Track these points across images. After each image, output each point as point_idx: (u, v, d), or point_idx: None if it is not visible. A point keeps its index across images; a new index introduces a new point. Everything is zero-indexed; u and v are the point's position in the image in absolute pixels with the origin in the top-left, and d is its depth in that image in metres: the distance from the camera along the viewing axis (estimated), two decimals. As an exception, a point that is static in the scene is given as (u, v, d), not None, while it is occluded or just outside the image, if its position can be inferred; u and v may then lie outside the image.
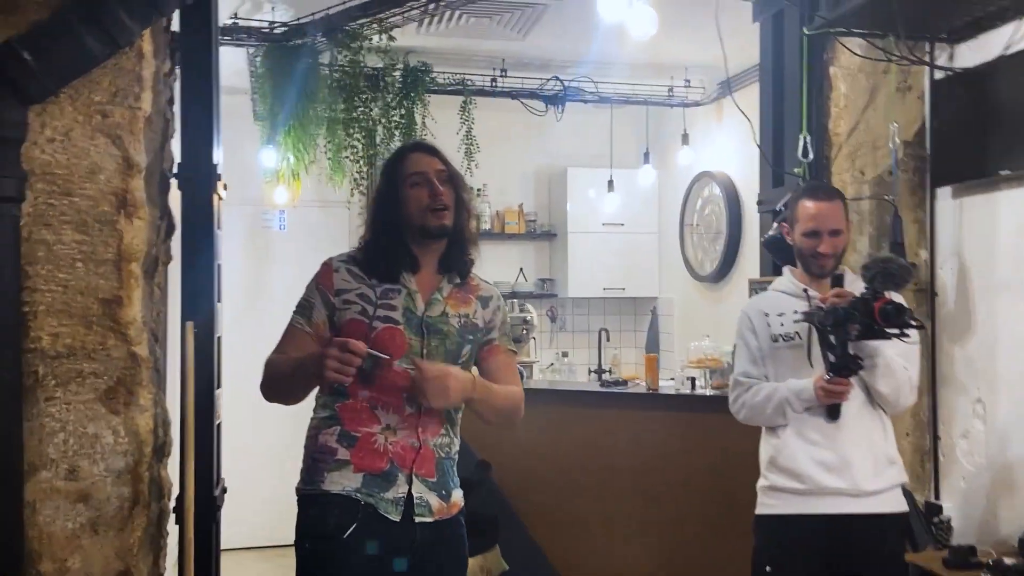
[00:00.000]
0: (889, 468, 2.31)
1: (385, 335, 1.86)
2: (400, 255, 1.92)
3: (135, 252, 2.08)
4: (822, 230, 2.32)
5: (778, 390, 2.33)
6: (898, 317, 2.06)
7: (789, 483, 2.31)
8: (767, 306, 2.44)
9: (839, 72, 3.10)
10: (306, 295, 1.94)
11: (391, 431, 1.86)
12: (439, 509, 1.89)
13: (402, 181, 1.93)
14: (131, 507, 2.06)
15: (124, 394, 2.06)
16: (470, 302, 1.99)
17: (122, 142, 2.07)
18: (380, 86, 3.96)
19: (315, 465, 1.87)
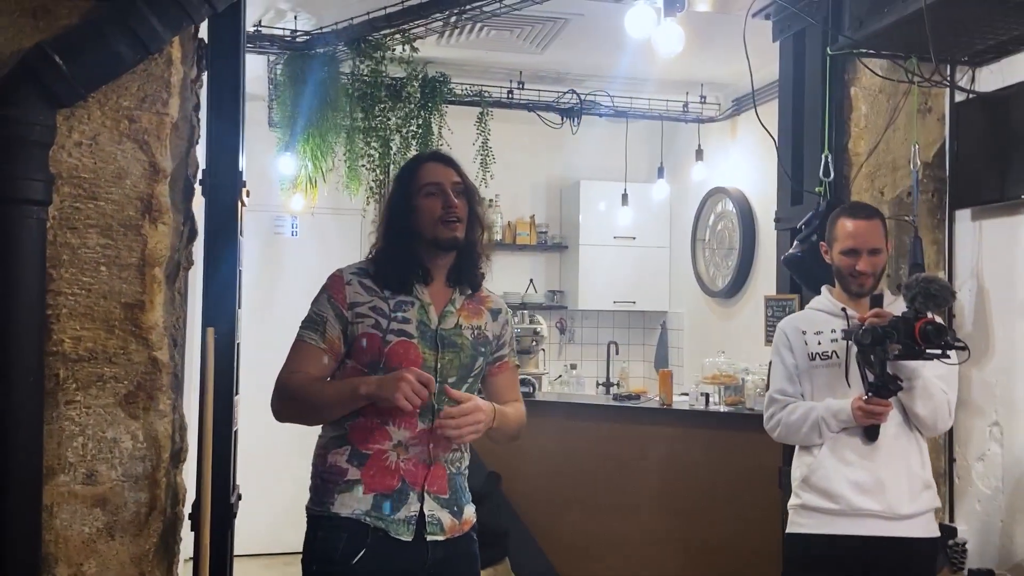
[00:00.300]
0: (924, 492, 2.29)
1: (399, 349, 1.83)
2: (412, 266, 1.90)
3: (159, 257, 2.08)
4: (861, 248, 2.31)
5: (815, 409, 2.31)
6: (939, 338, 2.06)
7: (823, 503, 2.29)
8: (804, 324, 2.43)
9: (860, 92, 3.10)
10: (316, 309, 1.89)
11: (403, 448, 1.82)
12: (451, 527, 1.86)
13: (417, 191, 1.91)
14: (148, 513, 2.05)
15: (144, 399, 2.06)
16: (481, 314, 1.97)
17: (149, 147, 2.08)
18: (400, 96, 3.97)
19: (324, 486, 1.84)
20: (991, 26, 2.56)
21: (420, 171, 1.94)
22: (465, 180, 1.96)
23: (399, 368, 1.79)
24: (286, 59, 3.74)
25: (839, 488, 2.26)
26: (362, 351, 1.84)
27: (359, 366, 1.85)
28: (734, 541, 3.43)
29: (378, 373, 1.81)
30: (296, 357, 1.87)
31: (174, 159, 2.13)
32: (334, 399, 1.83)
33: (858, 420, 2.23)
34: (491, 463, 3.70)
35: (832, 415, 2.27)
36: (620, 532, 3.55)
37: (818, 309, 2.45)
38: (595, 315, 6.11)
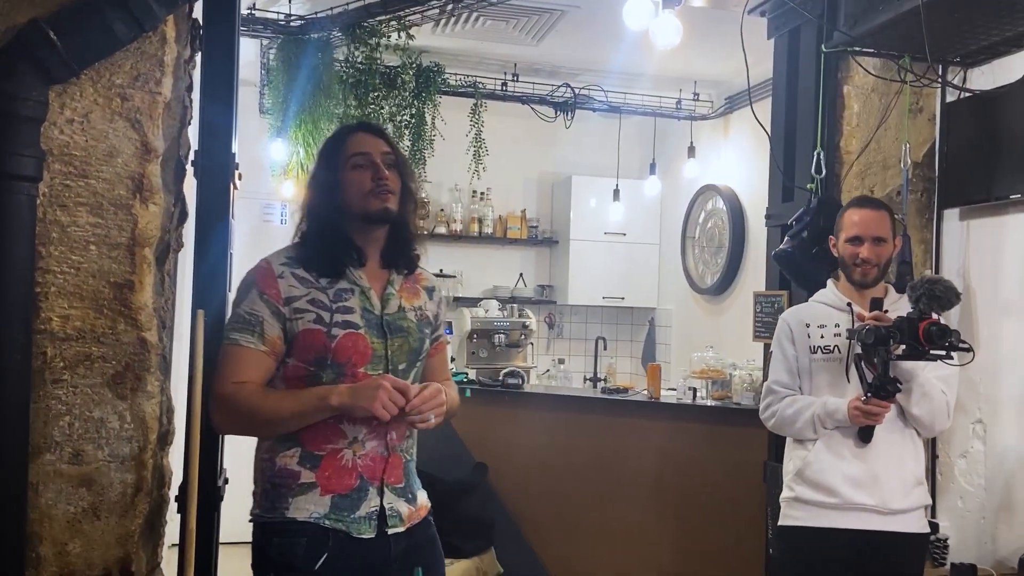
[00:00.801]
0: (916, 488, 2.30)
1: (346, 342, 1.72)
2: (344, 247, 1.77)
3: (149, 237, 2.07)
4: (864, 236, 2.33)
5: (811, 406, 2.31)
6: (943, 339, 2.06)
7: (816, 496, 2.29)
8: (808, 316, 2.42)
9: (852, 91, 3.12)
10: (248, 308, 1.73)
11: (359, 444, 1.73)
12: (409, 515, 1.79)
13: (343, 163, 1.78)
14: (134, 494, 2.04)
15: (132, 380, 2.05)
16: (419, 293, 1.89)
17: (141, 126, 2.06)
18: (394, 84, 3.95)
19: (276, 491, 1.72)
20: (984, 27, 2.58)
21: (347, 142, 1.81)
22: (396, 151, 1.85)
23: (348, 363, 1.72)
24: (279, 44, 3.72)
25: (833, 482, 2.26)
26: (305, 348, 1.72)
27: (303, 364, 1.73)
28: (719, 533, 3.45)
29: (326, 370, 1.72)
30: (234, 363, 1.72)
31: (166, 139, 2.12)
32: (295, 413, 1.69)
33: (854, 421, 2.23)
34: (478, 454, 3.71)
35: (828, 414, 2.27)
36: (606, 524, 3.57)
37: (822, 302, 2.44)
38: (584, 310, 6.12)
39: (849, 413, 2.22)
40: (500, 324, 5.30)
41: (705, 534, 3.47)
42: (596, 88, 4.96)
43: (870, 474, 2.26)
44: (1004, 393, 2.83)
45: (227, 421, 1.77)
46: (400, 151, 1.88)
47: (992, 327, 2.88)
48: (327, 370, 1.72)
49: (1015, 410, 2.78)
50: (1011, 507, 2.76)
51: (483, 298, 5.64)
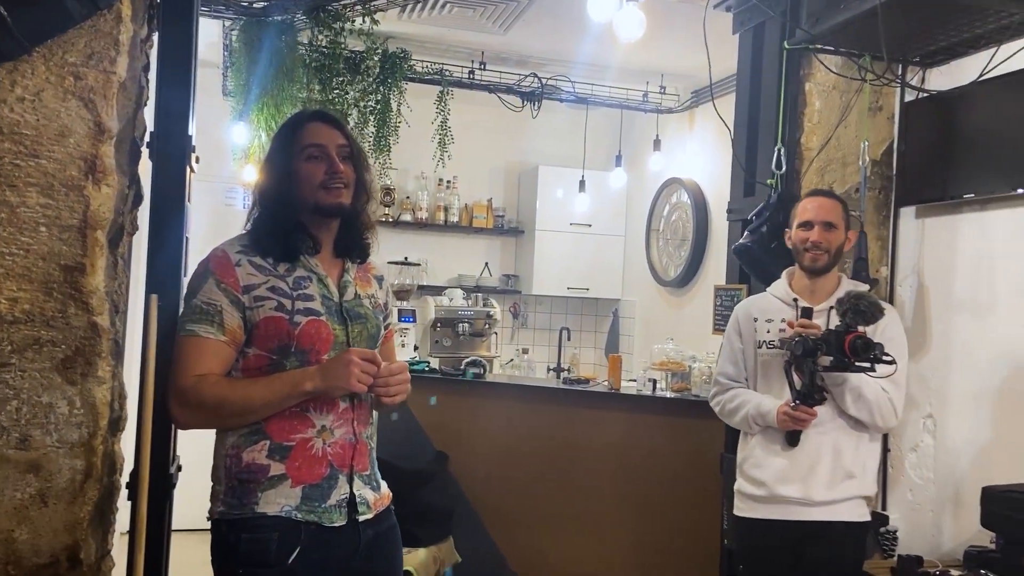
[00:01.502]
0: (845, 481, 2.38)
1: (310, 329, 1.72)
2: (298, 234, 1.77)
3: (101, 220, 2.02)
4: (815, 221, 2.42)
5: (747, 405, 2.44)
6: (866, 352, 2.18)
7: (752, 489, 2.44)
8: (757, 311, 2.52)
9: (814, 88, 3.15)
10: (204, 298, 1.71)
11: (328, 432, 1.72)
12: (375, 502, 1.80)
13: (298, 153, 1.77)
14: (83, 480, 2.00)
15: (82, 364, 2.01)
16: (370, 281, 1.91)
17: (94, 106, 2.01)
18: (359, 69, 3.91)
19: (244, 487, 1.69)
20: (942, 28, 2.62)
21: (302, 131, 1.79)
22: (352, 143, 1.83)
23: (312, 350, 1.71)
24: (242, 25, 3.66)
25: (765, 476, 2.40)
26: (267, 337, 1.70)
27: (263, 353, 1.72)
28: (677, 523, 3.49)
29: (289, 358, 1.70)
30: (194, 355, 1.70)
31: (120, 120, 2.08)
32: (266, 402, 1.68)
33: (781, 425, 2.34)
34: (439, 443, 3.71)
35: (760, 415, 2.40)
36: (565, 513, 3.59)
37: (773, 295, 2.53)
38: (549, 301, 6.14)
39: (777, 418, 2.34)
40: (464, 313, 5.30)
41: (663, 524, 3.50)
42: (563, 79, 4.96)
43: (802, 468, 2.36)
44: (954, 389, 2.89)
45: (190, 415, 1.74)
46: (356, 142, 1.86)
47: (944, 324, 2.94)
48: (290, 358, 1.71)
49: (965, 405, 2.85)
50: (959, 501, 2.83)
51: (448, 287, 5.63)
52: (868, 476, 2.44)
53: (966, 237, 2.88)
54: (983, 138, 2.78)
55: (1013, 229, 2.72)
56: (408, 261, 5.58)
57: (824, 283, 2.47)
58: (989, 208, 2.80)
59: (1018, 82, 2.62)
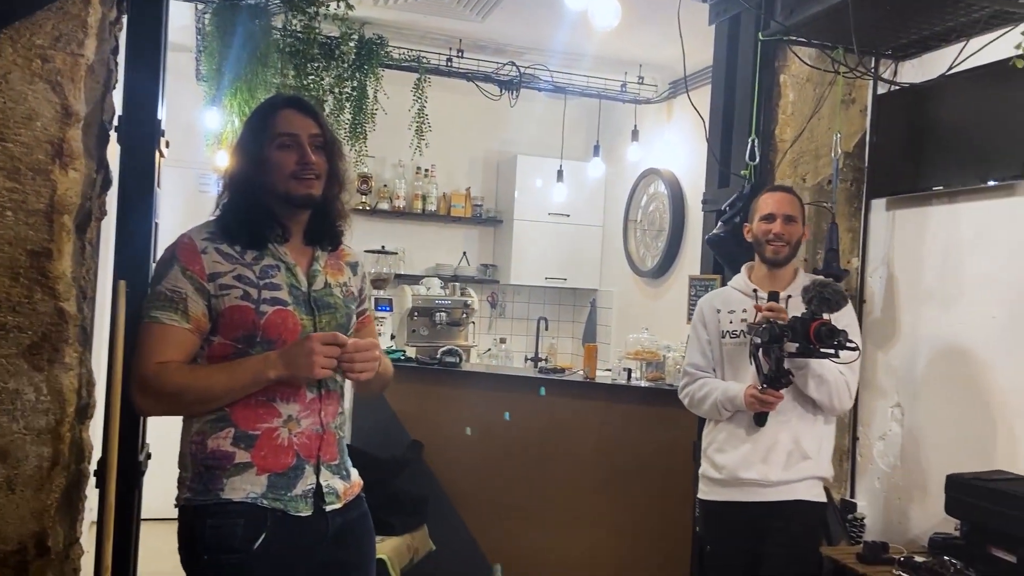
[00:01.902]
0: (801, 462, 2.48)
1: (276, 319, 1.69)
2: (267, 222, 1.75)
3: (68, 204, 2.00)
4: (777, 214, 2.51)
5: (715, 391, 2.52)
6: (831, 338, 2.26)
7: (714, 473, 2.55)
8: (720, 302, 2.61)
9: (789, 80, 3.17)
10: (169, 285, 1.67)
11: (294, 422, 1.71)
12: (344, 492, 1.79)
13: (269, 140, 1.74)
14: (50, 467, 1.99)
15: (49, 351, 1.99)
16: (343, 269, 1.88)
17: (62, 89, 1.99)
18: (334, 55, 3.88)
19: (209, 473, 1.67)
20: (914, 21, 2.65)
21: (275, 118, 1.75)
22: (325, 132, 1.80)
23: (279, 340, 1.69)
24: (214, 8, 3.61)
25: (726, 459, 2.51)
26: (232, 326, 1.68)
27: (228, 342, 1.70)
28: (650, 511, 3.52)
29: (255, 347, 1.69)
30: (156, 343, 1.67)
31: (88, 103, 2.05)
32: (229, 389, 1.66)
33: (749, 407, 2.43)
34: (414, 432, 3.71)
35: (728, 399, 2.48)
36: (540, 502, 3.60)
37: (735, 287, 2.63)
38: (527, 290, 6.15)
39: (745, 400, 2.42)
40: (441, 302, 5.29)
41: (637, 510, 3.53)
42: (541, 67, 4.95)
43: (761, 452, 2.47)
44: (922, 378, 2.93)
45: (152, 403, 1.71)
46: (330, 130, 1.84)
47: (912, 315, 2.98)
48: (256, 347, 1.69)
49: (932, 394, 2.89)
50: (925, 488, 2.87)
51: (425, 276, 5.62)
52: (824, 458, 2.54)
53: (935, 229, 2.92)
54: (952, 131, 2.81)
55: (981, 222, 2.76)
56: (385, 250, 5.56)
57: (782, 274, 2.56)
58: (958, 200, 2.84)
59: (986, 75, 2.65)
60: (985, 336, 2.70)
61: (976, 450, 2.70)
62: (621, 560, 3.54)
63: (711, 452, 2.57)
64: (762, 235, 2.54)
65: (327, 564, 1.76)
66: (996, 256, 2.69)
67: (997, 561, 2.37)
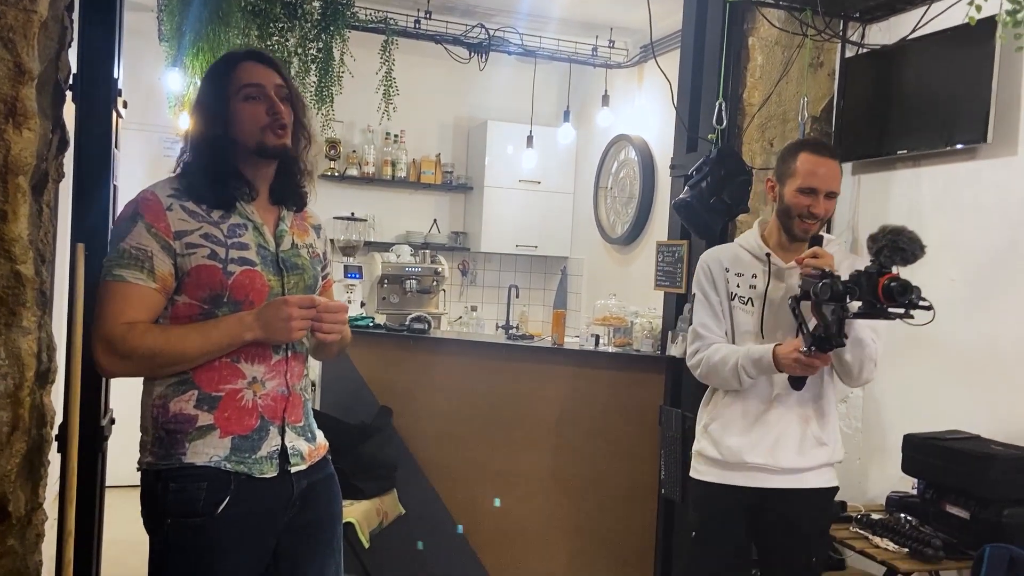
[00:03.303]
0: (815, 449, 2.23)
1: (244, 279, 1.66)
2: (235, 180, 1.71)
3: (23, 165, 1.94)
4: (820, 189, 2.14)
5: (734, 353, 2.20)
6: (904, 296, 1.90)
7: (714, 453, 2.27)
8: (728, 261, 2.31)
9: (757, 43, 3.17)
10: (135, 242, 1.62)
11: (259, 383, 1.69)
12: (309, 453, 1.78)
13: (234, 93, 1.69)
14: (10, 433, 1.95)
15: (6, 315, 1.94)
16: (308, 231, 1.85)
17: (14, 46, 1.92)
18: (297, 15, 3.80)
19: (171, 436, 1.64)
20: (881, -16, 2.65)
21: (236, 71, 1.71)
22: (289, 83, 1.76)
23: (245, 301, 1.67)
24: (175, -35, 3.52)
25: (731, 440, 2.23)
26: (199, 286, 1.65)
27: (194, 302, 1.66)
28: (617, 475, 3.56)
29: (221, 308, 1.66)
30: (121, 302, 1.62)
31: (42, 61, 1.99)
32: (204, 351, 1.63)
33: (789, 370, 2.10)
34: (383, 398, 3.71)
35: (752, 362, 2.15)
36: (508, 466, 3.63)
37: (744, 248, 2.32)
38: (498, 258, 6.14)
39: (783, 362, 2.09)
40: (412, 270, 5.27)
41: (604, 476, 3.57)
42: (511, 30, 4.90)
43: (768, 435, 2.21)
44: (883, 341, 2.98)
45: (119, 363, 1.65)
46: (292, 83, 1.80)
47: (876, 278, 3.02)
48: (223, 307, 1.66)
49: (892, 357, 2.94)
50: (884, 449, 2.94)
51: (395, 243, 5.58)
52: (838, 439, 2.30)
53: (899, 192, 2.95)
54: (917, 95, 2.84)
55: (943, 185, 2.79)
56: (355, 217, 5.51)
57: (802, 244, 2.22)
58: (922, 164, 2.87)
59: (951, 39, 2.67)
60: (944, 298, 2.74)
61: (934, 410, 2.76)
62: (587, 522, 3.60)
63: (714, 429, 2.28)
64: (797, 208, 2.16)
65: (293, 526, 1.76)
66: (957, 219, 2.73)
67: (950, 517, 2.44)
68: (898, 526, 2.50)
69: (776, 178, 2.25)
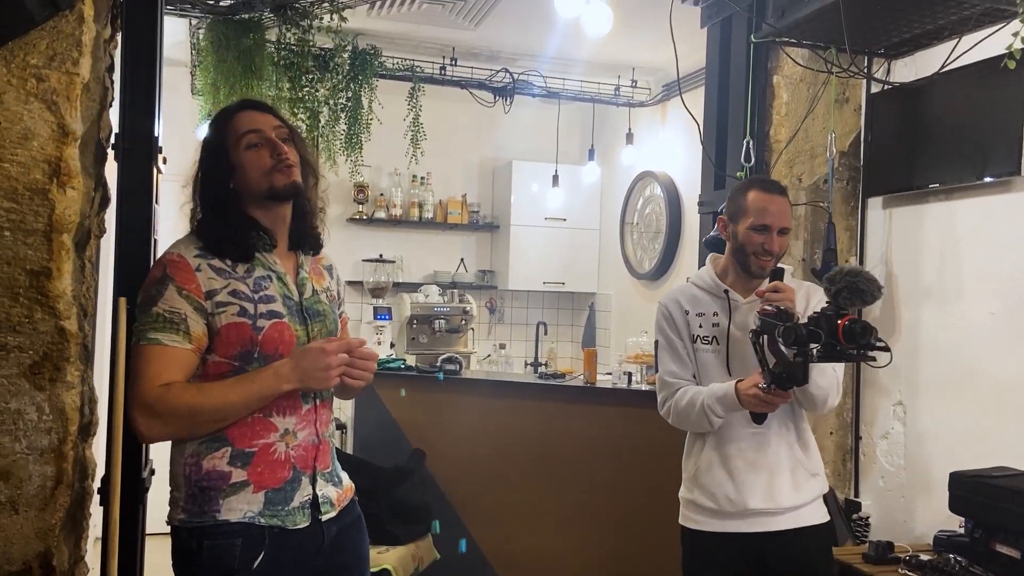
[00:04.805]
0: (809, 481, 2.19)
1: (273, 333, 1.67)
2: (253, 232, 1.71)
3: (67, 223, 2.00)
4: (773, 226, 2.14)
5: (700, 395, 2.15)
6: (864, 337, 1.86)
7: (708, 503, 2.20)
8: (687, 302, 2.26)
9: (782, 81, 3.18)
10: (167, 306, 1.63)
11: (291, 435, 1.69)
12: (338, 499, 1.78)
13: (235, 144, 1.70)
14: (54, 487, 1.98)
15: (50, 370, 1.98)
16: (323, 274, 1.87)
17: (58, 108, 1.99)
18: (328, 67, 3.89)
19: (205, 494, 1.64)
20: (905, 20, 2.66)
21: (233, 122, 1.73)
22: (287, 124, 1.77)
23: (275, 354, 1.66)
24: (208, 24, 3.62)
25: (723, 488, 2.17)
26: (229, 344, 1.65)
27: (224, 360, 1.67)
28: (652, 514, 3.51)
29: (253, 363, 1.66)
30: (159, 365, 1.63)
31: (85, 121, 2.05)
32: (242, 406, 1.62)
33: (749, 406, 2.07)
34: (415, 440, 3.71)
35: (716, 400, 2.11)
36: (542, 508, 3.60)
37: (700, 286, 2.28)
38: (525, 295, 6.15)
39: (743, 398, 2.05)
40: (440, 309, 5.30)
41: (638, 514, 3.53)
42: (535, 73, 4.96)
43: (759, 476, 2.15)
44: (923, 376, 2.94)
45: (160, 426, 1.66)
46: (290, 123, 1.81)
47: (913, 312, 2.99)
48: (253, 364, 1.67)
49: (933, 392, 2.90)
50: (929, 486, 2.88)
51: (423, 283, 5.62)
52: (821, 467, 2.26)
53: (932, 226, 2.93)
54: (947, 128, 2.82)
55: (978, 218, 2.77)
56: (383, 258, 5.57)
57: (758, 280, 2.20)
58: (954, 197, 2.85)
59: (979, 72, 2.66)
60: (984, 332, 2.71)
61: (978, 446, 2.70)
62: (621, 562, 3.54)
63: (703, 478, 2.20)
64: (752, 247, 2.16)
65: (323, 571, 1.76)
66: (993, 252, 2.70)
67: (1001, 557, 2.38)
68: (948, 567, 2.43)
69: (728, 217, 2.25)
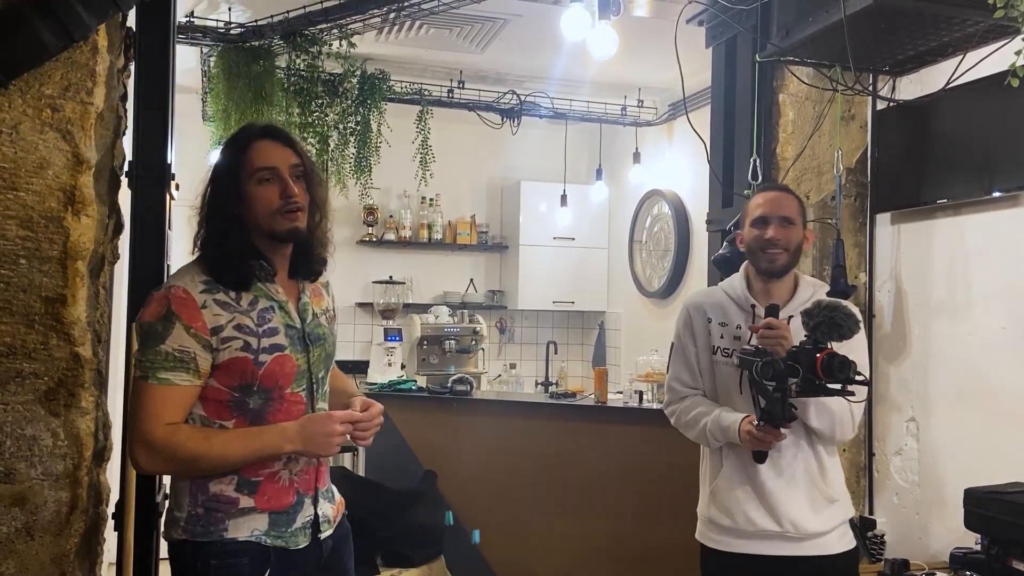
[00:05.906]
0: (830, 507, 2.12)
1: (274, 367, 1.67)
2: (254, 262, 1.70)
3: (81, 250, 2.03)
4: (770, 216, 2.10)
5: (704, 417, 2.14)
6: (843, 372, 1.85)
7: (727, 522, 2.15)
8: (711, 309, 2.21)
9: (787, 99, 3.20)
10: (175, 345, 1.60)
11: (294, 462, 1.72)
12: (334, 515, 1.83)
13: (248, 176, 1.67)
14: (69, 512, 2.00)
15: (65, 396, 2.00)
16: (321, 294, 1.87)
17: (72, 137, 2.02)
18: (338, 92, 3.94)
19: (209, 515, 1.66)
20: (909, 38, 2.67)
21: (251, 152, 1.69)
22: (304, 160, 1.73)
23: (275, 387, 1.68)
24: (219, 52, 3.68)
25: (742, 508, 2.12)
26: (229, 374, 1.66)
27: (225, 388, 1.67)
28: (665, 535, 3.50)
29: (252, 396, 1.68)
30: (166, 404, 1.62)
31: (99, 150, 2.08)
32: (243, 460, 1.65)
33: (745, 444, 2.04)
34: (427, 462, 3.71)
35: (720, 430, 2.09)
36: (555, 528, 3.59)
37: (730, 296, 2.22)
38: (535, 315, 6.16)
39: (741, 434, 2.03)
40: (450, 330, 5.31)
41: (652, 535, 3.51)
42: (542, 95, 5.01)
43: (777, 498, 2.09)
44: (935, 391, 2.92)
45: (160, 464, 1.67)
46: (308, 157, 1.78)
47: (922, 327, 2.98)
48: (253, 396, 1.68)
49: (946, 408, 2.88)
50: (944, 502, 2.86)
51: (433, 304, 5.64)
52: (847, 496, 2.19)
53: (941, 241, 2.93)
54: (954, 144, 2.83)
55: (986, 232, 2.76)
56: (393, 280, 5.59)
57: (781, 287, 2.15)
58: (963, 213, 2.85)
59: (985, 88, 2.67)
60: (995, 346, 2.70)
61: (993, 461, 2.68)
62: (640, 584, 3.52)
63: (721, 496, 2.16)
64: (755, 243, 2.12)
65: None
66: (1003, 266, 2.70)
67: (1019, 574, 2.35)
68: (964, 585, 2.41)
69: (738, 227, 2.27)
